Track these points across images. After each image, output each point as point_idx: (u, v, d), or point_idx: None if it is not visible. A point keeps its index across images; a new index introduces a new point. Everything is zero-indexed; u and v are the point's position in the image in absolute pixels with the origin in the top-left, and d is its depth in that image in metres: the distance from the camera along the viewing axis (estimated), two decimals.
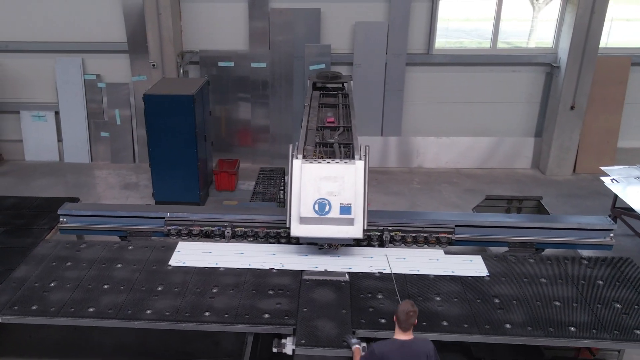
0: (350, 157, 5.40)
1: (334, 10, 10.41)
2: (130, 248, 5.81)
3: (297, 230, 5.22)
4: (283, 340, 4.58)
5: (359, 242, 5.75)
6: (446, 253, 5.77)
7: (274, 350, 4.59)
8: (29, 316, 4.77)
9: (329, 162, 5.24)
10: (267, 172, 8.55)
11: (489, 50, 10.80)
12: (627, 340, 4.46)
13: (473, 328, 4.59)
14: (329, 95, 7.81)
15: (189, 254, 5.70)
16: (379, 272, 5.36)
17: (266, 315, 4.72)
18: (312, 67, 10.42)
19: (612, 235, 5.90)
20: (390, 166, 11.20)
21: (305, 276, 5.25)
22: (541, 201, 7.73)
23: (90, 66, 10.89)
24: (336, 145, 5.86)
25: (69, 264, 5.49)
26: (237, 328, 4.68)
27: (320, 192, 5.15)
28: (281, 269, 5.42)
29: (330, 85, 8.23)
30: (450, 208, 9.44)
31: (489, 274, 5.34)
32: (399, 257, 5.62)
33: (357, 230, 5.19)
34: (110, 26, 10.60)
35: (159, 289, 5.10)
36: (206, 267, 5.43)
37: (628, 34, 11.57)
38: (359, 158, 5.27)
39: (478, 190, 10.03)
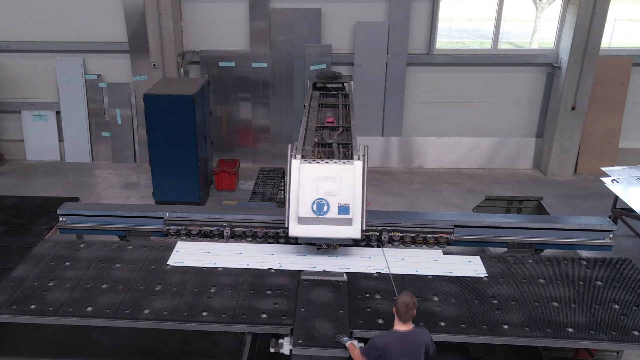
0: (348, 157, 5.39)
1: (335, 10, 10.41)
2: (129, 248, 5.82)
3: (296, 230, 5.22)
4: (280, 340, 4.58)
5: (357, 243, 5.73)
6: (445, 253, 5.76)
7: (272, 350, 4.60)
8: (27, 315, 4.78)
9: (328, 162, 5.23)
10: (267, 172, 8.55)
11: (489, 50, 10.77)
12: (625, 341, 4.45)
13: (470, 328, 4.58)
14: (329, 96, 7.79)
15: (187, 253, 5.70)
16: (377, 273, 5.35)
17: (264, 315, 4.72)
18: (313, 67, 10.42)
19: (612, 236, 5.88)
20: (391, 166, 11.19)
21: (303, 276, 5.25)
22: (541, 202, 7.71)
23: (91, 66, 10.92)
24: (335, 146, 5.85)
25: (67, 263, 5.50)
26: (235, 328, 4.68)
27: (318, 192, 5.14)
28: (279, 269, 5.41)
29: (330, 86, 8.21)
30: (450, 208, 9.42)
31: (487, 275, 5.33)
32: (397, 258, 5.61)
33: (355, 231, 5.18)
34: (111, 26, 10.64)
35: (157, 288, 5.11)
36: (204, 267, 5.43)
37: (631, 34, 11.54)
38: (357, 158, 5.26)
39: (479, 190, 10.02)
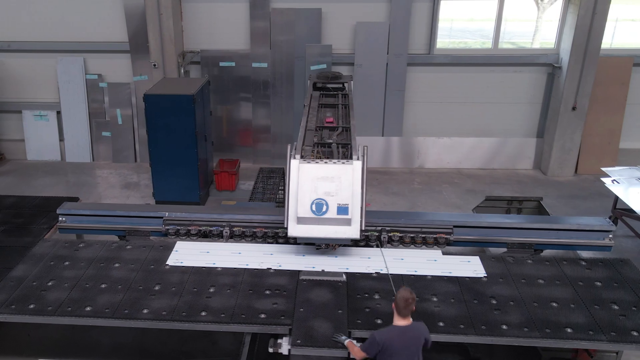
0: (348, 158, 5.39)
1: (335, 10, 10.41)
2: (129, 247, 5.81)
3: (295, 230, 5.22)
4: (279, 341, 4.58)
5: (356, 243, 5.73)
6: (444, 254, 5.75)
7: (270, 350, 4.59)
8: (26, 315, 4.77)
9: (327, 163, 5.22)
10: (267, 172, 8.55)
11: (490, 50, 10.77)
12: (624, 342, 4.43)
13: (469, 329, 4.57)
14: (329, 96, 7.79)
15: (186, 253, 5.70)
16: (377, 273, 5.35)
17: (262, 315, 4.72)
18: (313, 67, 10.42)
19: (611, 236, 5.87)
20: (391, 166, 11.19)
21: (302, 276, 5.24)
22: (541, 202, 7.70)
23: (92, 66, 10.94)
24: (334, 146, 5.85)
25: (67, 263, 5.50)
26: (233, 328, 4.68)
27: (317, 192, 5.13)
28: (278, 269, 5.41)
29: (330, 86, 8.20)
30: (450, 209, 9.42)
31: (486, 275, 5.31)
32: (396, 258, 5.60)
33: (354, 231, 5.17)
34: (111, 26, 10.66)
35: (156, 288, 5.11)
36: (203, 267, 5.42)
37: (632, 34, 11.53)
38: (356, 158, 5.26)
39: (479, 190, 10.01)
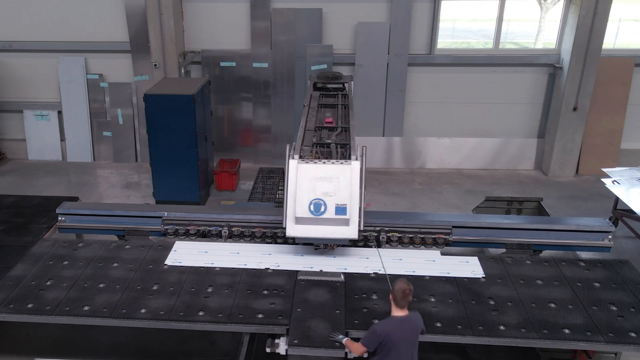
0: (346, 158, 5.39)
1: (336, 10, 10.40)
2: (127, 247, 5.82)
3: (293, 230, 5.22)
4: (277, 340, 4.59)
5: (355, 243, 5.73)
6: (443, 254, 5.74)
7: (267, 350, 4.60)
8: (24, 314, 4.79)
9: (325, 163, 5.22)
10: (267, 172, 8.56)
11: (491, 51, 10.75)
12: (622, 343, 4.42)
13: (467, 329, 4.57)
14: (329, 96, 7.79)
15: (185, 253, 5.70)
16: (375, 273, 5.35)
17: (260, 315, 4.72)
18: (314, 68, 10.42)
19: (611, 237, 5.85)
20: (392, 167, 11.18)
21: (301, 276, 5.25)
22: (541, 202, 7.69)
23: (93, 66, 10.95)
24: (333, 146, 5.85)
25: (65, 262, 5.51)
26: (231, 328, 4.68)
27: (315, 193, 5.13)
28: (277, 269, 5.41)
29: (330, 86, 8.21)
30: (450, 209, 9.40)
31: (484, 276, 5.31)
32: (395, 258, 5.60)
33: (353, 231, 5.17)
34: (112, 26, 10.67)
35: (154, 288, 5.12)
36: (202, 267, 5.43)
37: (634, 35, 11.49)
38: (355, 158, 5.25)
39: (479, 191, 9.99)
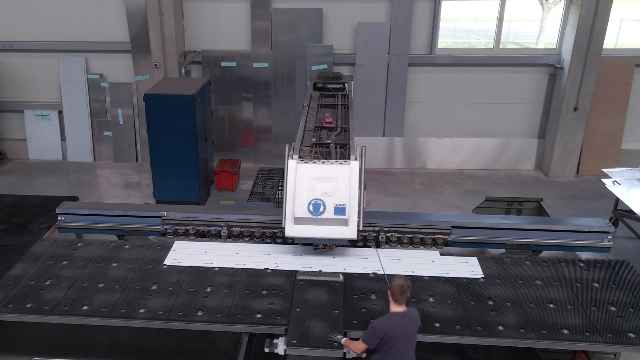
0: (345, 158, 5.38)
1: (336, 10, 10.40)
2: (127, 247, 5.83)
3: (292, 230, 5.22)
4: (275, 341, 4.58)
5: (354, 243, 5.73)
6: (442, 254, 5.74)
7: (266, 350, 4.60)
8: (23, 314, 4.79)
9: (324, 163, 5.22)
10: (266, 172, 8.56)
11: (491, 51, 10.74)
12: (621, 344, 4.41)
13: (465, 330, 4.56)
14: (329, 96, 7.79)
15: (184, 253, 5.70)
16: (374, 273, 5.34)
17: (258, 315, 4.72)
18: (315, 68, 10.42)
19: (610, 237, 5.84)
20: (392, 167, 11.17)
21: (300, 276, 5.25)
22: (542, 203, 7.67)
23: (93, 66, 10.97)
24: (332, 146, 5.85)
25: (65, 262, 5.51)
26: (229, 328, 4.68)
27: (314, 193, 5.13)
28: (275, 269, 5.41)
29: (330, 86, 8.21)
30: (451, 209, 9.40)
31: (483, 276, 5.30)
32: (394, 258, 5.59)
33: (352, 231, 5.17)
34: (113, 26, 10.68)
35: (153, 288, 5.12)
36: (201, 267, 5.43)
37: (636, 35, 11.47)
38: (354, 159, 5.25)
39: (480, 191, 9.99)
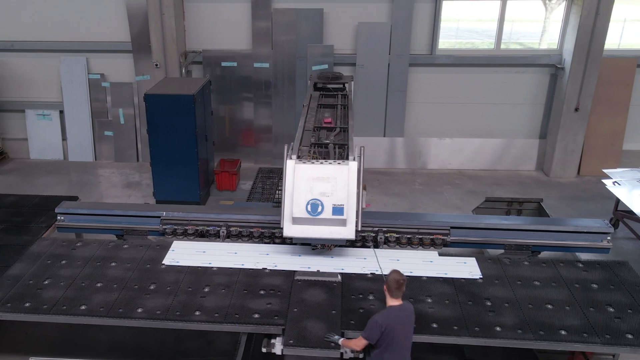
0: (344, 158, 5.38)
1: (337, 10, 10.41)
2: (126, 247, 5.83)
3: (290, 230, 5.22)
4: (272, 341, 4.58)
5: (353, 243, 5.73)
6: (440, 255, 5.73)
7: (263, 350, 4.60)
8: (21, 313, 4.80)
9: (322, 163, 5.21)
10: (266, 172, 8.56)
11: (492, 51, 10.74)
12: (618, 345, 4.39)
13: (463, 330, 4.55)
14: (329, 96, 7.79)
15: (183, 253, 5.70)
16: (372, 274, 5.34)
17: (256, 315, 4.71)
18: (315, 68, 10.42)
19: (609, 238, 5.82)
20: (393, 167, 11.17)
21: (298, 276, 5.24)
22: (542, 203, 7.66)
23: (94, 66, 10.99)
24: (331, 146, 5.85)
25: (63, 262, 5.52)
26: (227, 327, 4.68)
27: (312, 193, 5.13)
28: (274, 269, 5.41)
29: (331, 86, 8.20)
30: (451, 210, 9.39)
31: (482, 276, 5.29)
32: (392, 259, 5.58)
33: (350, 231, 5.16)
34: (114, 26, 10.71)
35: (152, 287, 5.12)
36: (199, 267, 5.43)
37: (638, 35, 11.43)
38: (352, 159, 5.25)
39: (480, 192, 9.98)
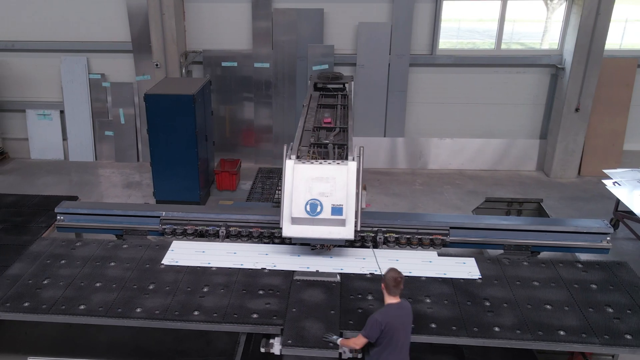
0: (343, 158, 5.38)
1: (337, 10, 10.41)
2: (125, 247, 5.83)
3: (289, 230, 5.22)
4: (271, 341, 4.57)
5: (352, 243, 5.73)
6: (440, 255, 5.73)
7: (262, 350, 4.59)
8: (20, 313, 4.80)
9: (322, 163, 5.22)
10: (266, 172, 8.57)
11: (493, 51, 10.73)
12: (617, 345, 4.39)
13: (461, 331, 4.55)
14: (329, 96, 7.79)
15: (182, 253, 5.71)
16: (371, 274, 5.34)
17: (255, 315, 4.72)
18: (316, 68, 10.42)
19: (609, 238, 5.81)
20: (393, 167, 11.16)
21: (297, 277, 5.24)
22: (542, 204, 7.65)
23: (95, 66, 11.00)
24: (330, 146, 5.85)
25: (63, 261, 5.52)
26: (225, 327, 4.68)
27: (312, 193, 5.13)
28: (273, 269, 5.41)
29: (331, 86, 8.20)
30: (451, 210, 9.38)
31: (481, 277, 5.29)
32: (391, 259, 5.57)
33: (349, 232, 5.17)
34: (114, 26, 10.71)
35: (151, 287, 5.12)
36: (198, 267, 5.43)
37: (638, 35, 11.41)
38: (351, 159, 5.25)
39: (481, 192, 9.97)
